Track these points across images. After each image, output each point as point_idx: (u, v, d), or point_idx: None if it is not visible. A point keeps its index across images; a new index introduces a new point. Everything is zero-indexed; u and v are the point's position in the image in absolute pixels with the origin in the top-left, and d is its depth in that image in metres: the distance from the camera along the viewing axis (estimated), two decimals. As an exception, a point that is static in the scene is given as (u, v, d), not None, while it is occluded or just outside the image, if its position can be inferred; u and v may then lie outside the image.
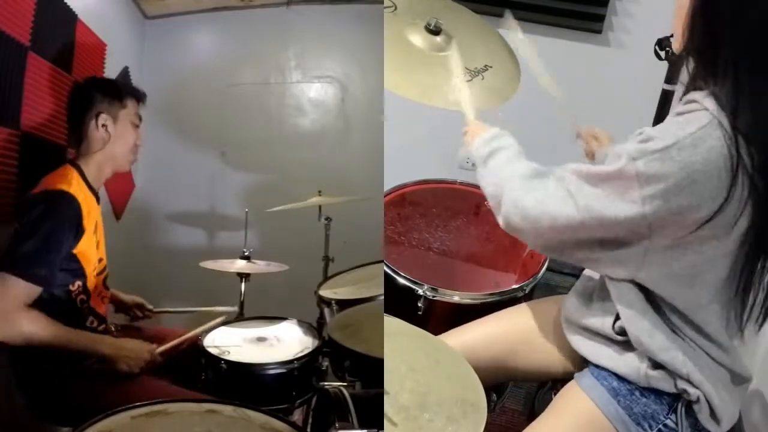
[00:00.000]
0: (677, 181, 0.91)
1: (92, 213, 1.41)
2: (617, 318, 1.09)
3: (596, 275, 1.22)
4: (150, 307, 1.72)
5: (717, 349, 1.06)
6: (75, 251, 1.34)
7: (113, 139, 1.47)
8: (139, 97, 1.55)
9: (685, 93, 1.05)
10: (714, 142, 0.91)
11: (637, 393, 1.09)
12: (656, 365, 1.06)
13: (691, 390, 1.05)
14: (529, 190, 1.10)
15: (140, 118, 1.54)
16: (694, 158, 0.90)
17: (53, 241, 1.27)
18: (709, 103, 0.94)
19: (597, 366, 1.14)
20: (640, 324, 1.05)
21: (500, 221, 1.14)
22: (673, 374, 1.05)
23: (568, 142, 2.44)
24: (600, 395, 1.10)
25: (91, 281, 1.42)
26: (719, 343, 1.06)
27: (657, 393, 1.08)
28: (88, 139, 1.46)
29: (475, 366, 1.09)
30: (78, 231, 1.33)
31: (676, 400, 1.08)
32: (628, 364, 1.09)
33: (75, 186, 1.37)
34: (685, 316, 1.04)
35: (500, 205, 1.14)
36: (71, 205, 1.31)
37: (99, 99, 1.46)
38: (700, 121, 0.93)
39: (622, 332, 1.09)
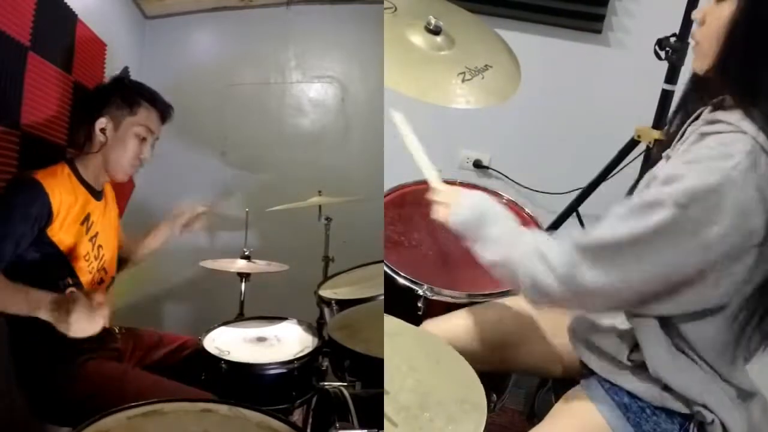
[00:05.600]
0: (736, 220, 0.87)
1: (79, 205, 1.40)
2: (633, 348, 1.07)
3: None
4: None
5: (728, 369, 1.04)
6: (54, 239, 1.33)
7: (110, 146, 1.45)
8: (162, 109, 1.50)
9: (698, 108, 1.03)
10: (761, 170, 0.87)
11: (648, 411, 1.08)
12: (670, 387, 1.05)
13: (705, 413, 1.03)
14: (559, 264, 1.00)
15: (152, 132, 1.49)
16: (748, 192, 0.86)
17: (3, 217, 1.26)
18: (748, 126, 0.90)
19: (607, 380, 1.13)
20: (660, 356, 1.03)
21: (526, 294, 1.07)
22: (687, 397, 1.04)
23: (566, 141, 2.44)
24: (610, 410, 1.09)
25: (85, 275, 1.42)
26: (730, 361, 1.04)
27: (669, 412, 1.07)
28: (91, 139, 1.46)
29: (470, 349, 1.09)
30: (42, 215, 1.30)
31: (687, 419, 1.06)
32: (641, 383, 1.08)
33: (57, 179, 1.36)
34: (699, 340, 1.02)
35: (522, 276, 1.05)
36: (33, 189, 1.29)
37: (111, 101, 1.45)
38: (741, 148, 0.88)
39: (637, 359, 1.07)
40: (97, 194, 1.48)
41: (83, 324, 1.16)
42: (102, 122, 1.43)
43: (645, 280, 0.94)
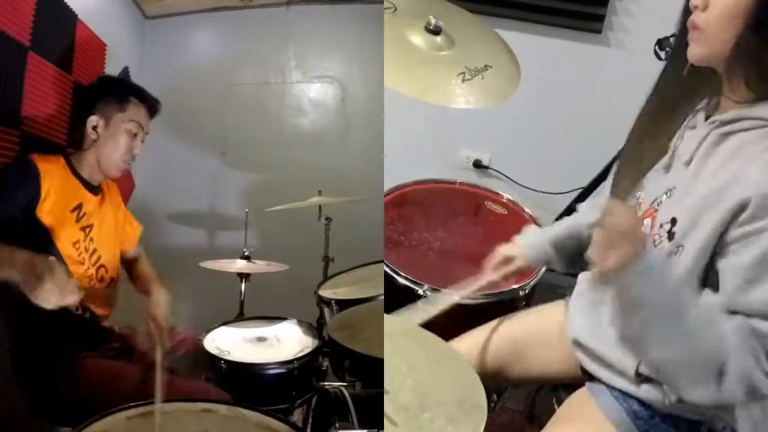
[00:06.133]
0: None
1: (70, 192, 1.40)
2: (640, 362, 1.05)
3: (600, 285, 1.20)
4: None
5: None
6: (43, 220, 1.32)
7: (101, 142, 1.45)
8: (148, 104, 1.51)
9: (693, 102, 1.02)
10: None
11: (657, 418, 1.06)
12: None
13: (716, 420, 1.02)
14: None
15: (142, 128, 1.50)
16: None
17: None
18: None
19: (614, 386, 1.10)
20: None
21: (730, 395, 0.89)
22: (699, 405, 1.01)
23: (566, 141, 2.44)
24: (619, 416, 1.07)
25: (76, 266, 1.42)
26: None
27: (678, 419, 1.05)
28: (83, 137, 1.46)
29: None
30: (32, 191, 1.30)
31: (698, 426, 1.05)
32: (650, 392, 1.05)
33: (52, 167, 1.37)
34: None
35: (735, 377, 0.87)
36: (24, 166, 1.32)
37: (100, 99, 1.46)
38: None
39: (645, 374, 1.04)
40: (93, 188, 1.48)
41: (51, 295, 1.08)
42: (93, 120, 1.44)
43: None
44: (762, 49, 0.90)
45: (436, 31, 1.37)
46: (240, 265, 1.86)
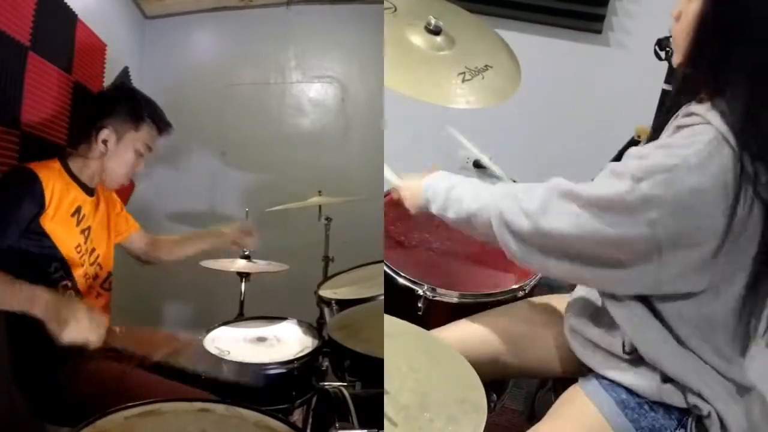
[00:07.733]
0: (686, 202, 0.90)
1: (70, 197, 1.40)
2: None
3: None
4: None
5: (725, 363, 1.04)
6: (46, 228, 1.32)
7: (109, 156, 1.45)
8: (162, 128, 1.52)
9: (683, 103, 1.05)
10: (722, 159, 0.90)
11: (646, 406, 1.08)
12: (667, 379, 1.05)
13: (702, 405, 1.03)
14: (522, 207, 1.08)
15: (150, 149, 1.51)
16: (702, 178, 0.89)
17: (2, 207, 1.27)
18: (713, 117, 0.93)
19: (604, 376, 1.13)
20: (649, 340, 1.04)
21: (496, 235, 1.12)
22: (684, 389, 1.04)
23: (566, 141, 2.44)
24: (608, 406, 1.09)
25: (78, 268, 1.42)
26: (726, 356, 1.04)
27: (666, 407, 1.07)
28: (89, 145, 1.46)
29: (469, 360, 1.09)
30: (36, 202, 1.30)
31: (685, 415, 1.06)
32: (638, 378, 1.08)
33: (50, 173, 1.36)
34: (693, 328, 1.02)
35: (493, 214, 1.12)
36: (27, 177, 1.31)
37: (116, 112, 1.45)
38: (704, 137, 0.91)
39: (632, 351, 1.07)
40: (89, 190, 1.48)
41: (76, 335, 1.16)
42: (105, 134, 1.44)
43: (598, 241, 0.97)
44: (705, 59, 0.97)
45: (436, 31, 1.37)
46: (240, 264, 1.86)
